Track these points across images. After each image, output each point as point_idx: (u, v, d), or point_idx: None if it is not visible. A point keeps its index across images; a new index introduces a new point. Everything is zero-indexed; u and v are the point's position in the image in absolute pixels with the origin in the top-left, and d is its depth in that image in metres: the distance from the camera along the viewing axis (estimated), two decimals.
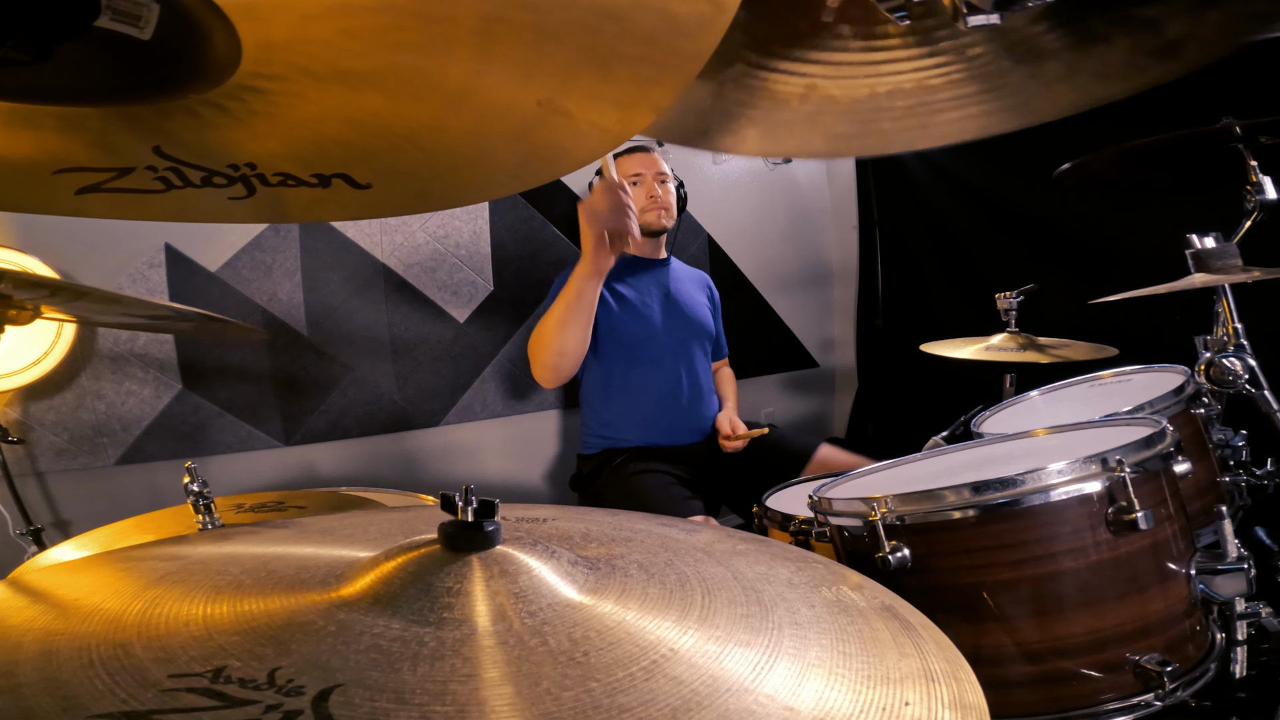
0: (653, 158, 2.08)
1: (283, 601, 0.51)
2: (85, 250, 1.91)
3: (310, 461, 2.22)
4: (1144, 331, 1.83)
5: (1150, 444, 0.96)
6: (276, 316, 2.15)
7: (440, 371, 2.39)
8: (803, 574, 0.63)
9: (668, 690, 0.43)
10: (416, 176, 0.63)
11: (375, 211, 0.69)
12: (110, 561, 0.62)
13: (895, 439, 2.08)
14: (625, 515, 0.79)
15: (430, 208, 0.73)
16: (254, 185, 0.60)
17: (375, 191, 0.64)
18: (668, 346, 2.06)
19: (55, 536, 1.86)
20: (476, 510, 0.55)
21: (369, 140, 0.58)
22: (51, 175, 0.58)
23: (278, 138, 0.56)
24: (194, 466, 1.12)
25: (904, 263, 2.92)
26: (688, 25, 0.47)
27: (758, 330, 2.93)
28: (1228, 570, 0.93)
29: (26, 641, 0.45)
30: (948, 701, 0.45)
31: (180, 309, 1.28)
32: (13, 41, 0.44)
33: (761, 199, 2.96)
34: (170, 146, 0.56)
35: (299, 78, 0.49)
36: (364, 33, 0.47)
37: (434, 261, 2.37)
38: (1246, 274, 1.27)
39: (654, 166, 2.07)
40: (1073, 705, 0.89)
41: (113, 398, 1.97)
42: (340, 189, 0.62)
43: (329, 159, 0.59)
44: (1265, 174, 1.40)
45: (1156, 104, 1.76)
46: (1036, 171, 1.89)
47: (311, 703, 0.39)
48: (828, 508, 1.08)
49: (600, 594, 0.54)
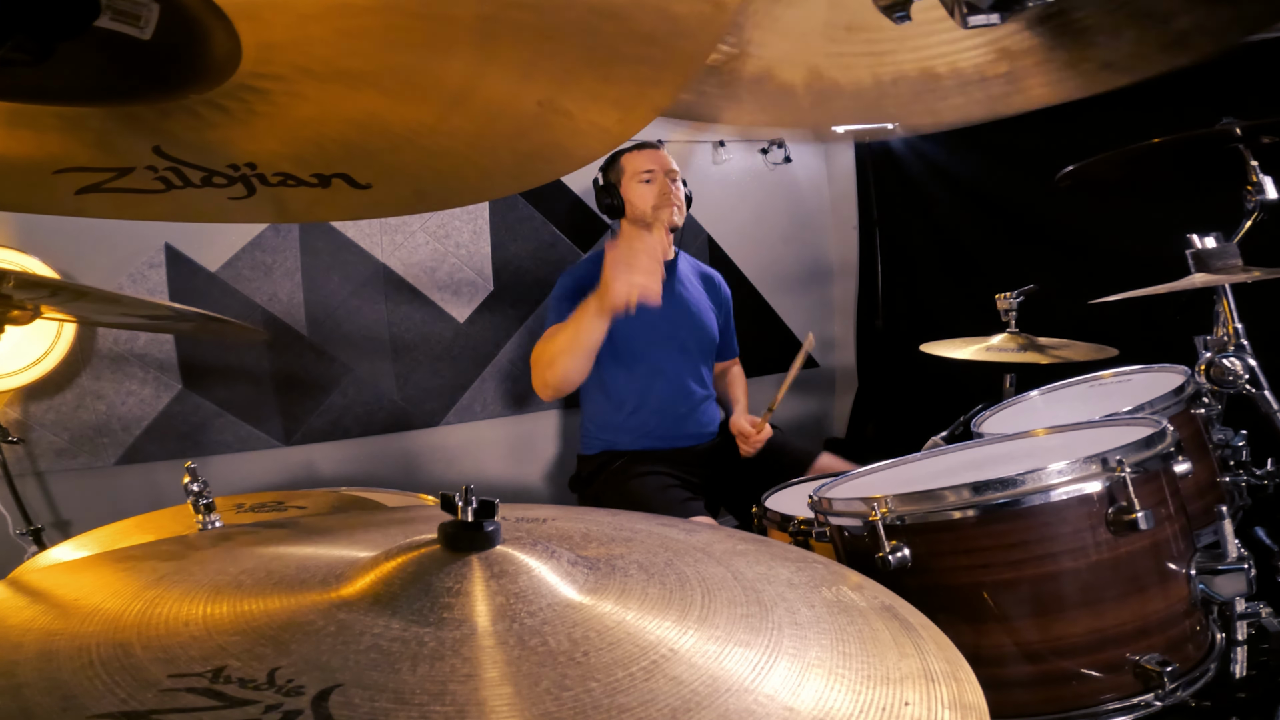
0: (663, 155, 2.06)
1: (283, 601, 0.51)
2: (85, 250, 1.91)
3: (310, 461, 2.22)
4: (1144, 331, 1.83)
5: (1150, 444, 0.96)
6: (276, 316, 2.15)
7: (440, 371, 2.39)
8: (803, 574, 0.63)
9: (668, 690, 0.43)
10: (416, 176, 0.63)
11: (375, 211, 0.69)
12: (110, 561, 0.62)
13: (895, 439, 2.09)
14: (625, 515, 0.79)
15: (430, 208, 0.73)
16: (254, 185, 0.61)
17: (375, 191, 0.64)
18: (669, 349, 2.05)
19: (55, 536, 1.86)
20: (476, 510, 0.55)
21: (369, 140, 0.58)
22: (51, 175, 0.58)
23: (278, 138, 0.56)
24: (194, 466, 1.12)
25: (904, 263, 2.92)
26: (687, 25, 0.47)
27: (758, 330, 2.93)
28: (1228, 570, 0.93)
29: (26, 641, 0.45)
30: (948, 701, 0.45)
31: (180, 309, 1.28)
32: (13, 41, 0.44)
33: (761, 199, 2.96)
34: (170, 146, 0.56)
35: (299, 78, 0.49)
36: (364, 33, 0.47)
37: (434, 261, 2.37)
38: (1246, 274, 1.27)
39: (666, 163, 2.04)
40: (1073, 705, 0.89)
41: (113, 398, 1.97)
42: (340, 189, 0.62)
43: (329, 159, 0.59)
44: (1265, 174, 1.40)
45: (1156, 104, 1.77)
46: (1037, 171, 1.89)
47: (311, 703, 0.39)
48: (828, 508, 1.08)
49: (600, 594, 0.54)
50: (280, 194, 0.62)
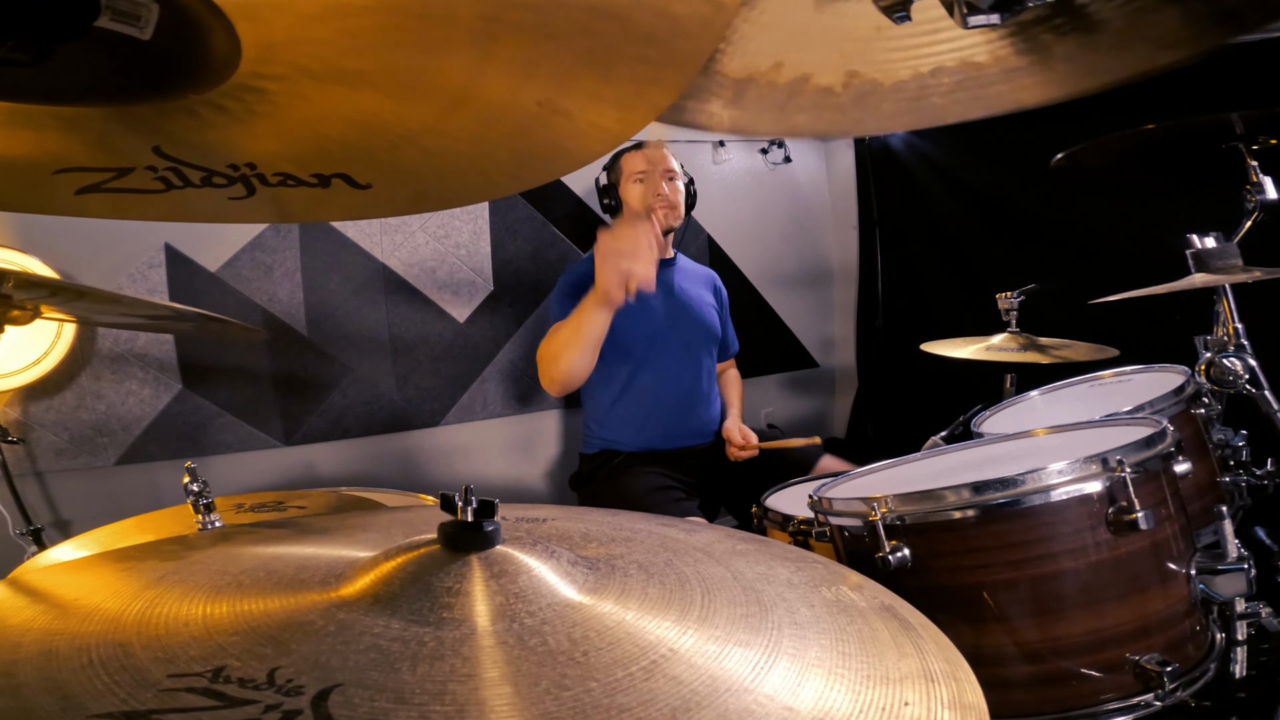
0: (661, 154, 2.05)
1: (283, 601, 0.51)
2: (85, 250, 1.91)
3: (310, 461, 2.22)
4: (1144, 331, 1.83)
5: (1150, 444, 0.96)
6: (276, 316, 2.15)
7: (440, 371, 2.39)
8: (802, 574, 0.63)
9: (667, 690, 0.43)
10: (417, 176, 0.63)
11: (375, 211, 0.69)
12: (110, 561, 0.62)
13: (895, 439, 2.08)
14: (625, 515, 0.79)
15: (431, 207, 0.73)
16: (254, 185, 0.60)
17: (375, 191, 0.64)
18: (671, 347, 2.04)
19: (55, 536, 1.86)
20: (476, 510, 0.55)
21: (369, 140, 0.58)
22: (51, 175, 0.58)
23: (277, 138, 0.56)
24: (194, 466, 1.12)
25: (904, 263, 2.92)
26: (687, 25, 0.47)
27: (758, 330, 2.93)
28: (1228, 570, 0.93)
29: (26, 641, 0.45)
30: (947, 701, 0.45)
31: (180, 309, 1.28)
32: (13, 41, 0.44)
33: (761, 199, 2.96)
34: (170, 146, 0.56)
35: (299, 78, 0.49)
36: (364, 32, 0.47)
37: (434, 261, 2.37)
38: (1246, 274, 1.27)
39: (662, 163, 2.04)
40: (1072, 705, 0.89)
41: (113, 398, 1.97)
42: (340, 189, 0.62)
43: (329, 159, 0.59)
44: (1265, 174, 1.40)
45: (1156, 103, 1.77)
46: (1037, 171, 1.89)
47: (311, 703, 0.39)
48: (828, 508, 1.08)
49: (600, 594, 0.54)
50: (280, 194, 0.62)
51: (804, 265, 3.08)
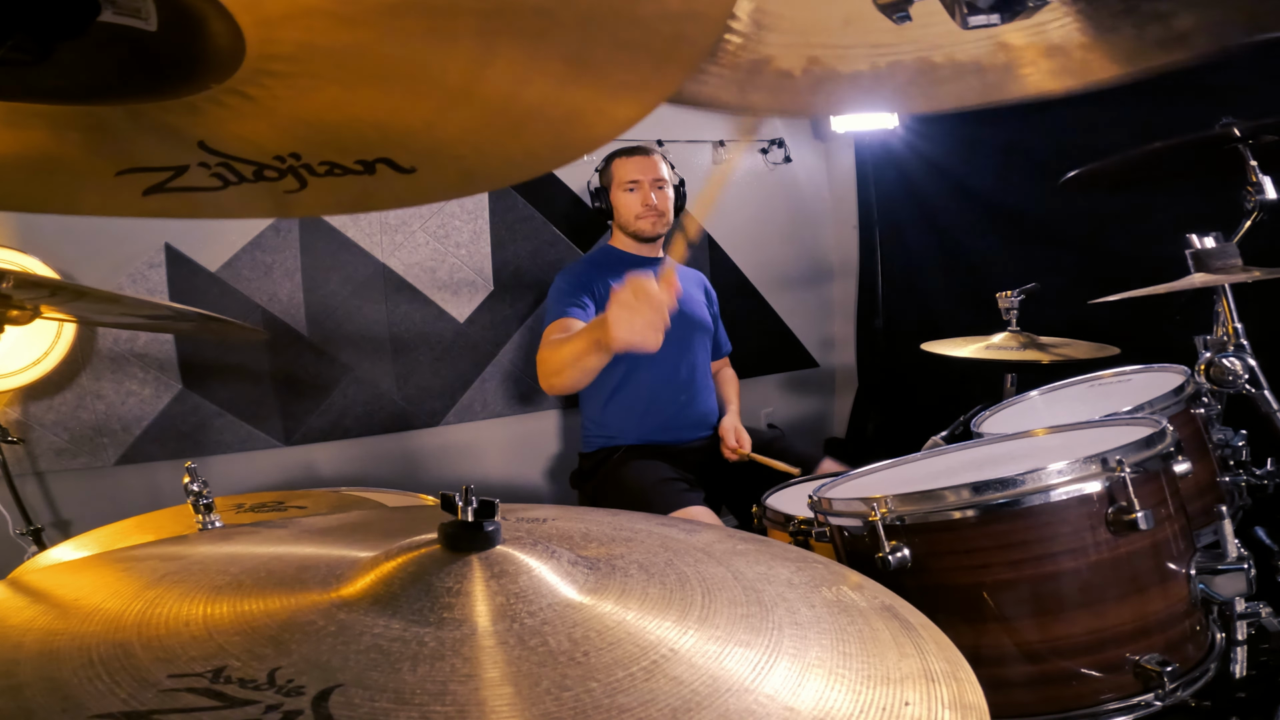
0: (652, 161, 2.08)
1: (283, 601, 0.51)
2: (85, 250, 1.91)
3: (310, 461, 2.22)
4: (1144, 331, 1.83)
5: (1150, 444, 0.96)
6: (276, 316, 2.15)
7: (440, 371, 2.39)
8: (803, 574, 0.63)
9: (668, 690, 0.43)
10: (458, 156, 0.61)
11: (426, 196, 0.68)
12: (110, 561, 0.62)
13: (895, 439, 2.08)
14: (625, 515, 0.79)
15: (478, 189, 0.71)
16: (304, 177, 0.59)
17: (421, 176, 0.62)
18: (667, 344, 2.04)
19: (55, 536, 1.87)
20: (476, 510, 0.55)
21: (401, 119, 0.56)
22: (114, 177, 0.57)
23: (311, 123, 0.55)
24: (194, 466, 1.12)
25: (904, 262, 2.92)
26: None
27: (758, 330, 2.93)
28: (1228, 570, 0.93)
29: (26, 641, 0.45)
30: (948, 701, 0.45)
31: (180, 309, 1.28)
32: (12, 41, 0.44)
33: (761, 199, 2.96)
34: (214, 141, 0.55)
35: (309, 56, 0.48)
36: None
37: (434, 261, 2.37)
38: (1246, 274, 1.27)
39: (652, 172, 2.07)
40: (1073, 705, 0.89)
41: (113, 398, 1.97)
42: (386, 175, 0.61)
43: (368, 144, 0.58)
44: (1265, 174, 1.40)
45: (1156, 103, 1.77)
46: (1037, 171, 1.89)
47: (311, 703, 0.39)
48: (828, 508, 1.08)
49: (600, 594, 0.54)
50: (331, 184, 0.61)
51: (804, 265, 3.08)
